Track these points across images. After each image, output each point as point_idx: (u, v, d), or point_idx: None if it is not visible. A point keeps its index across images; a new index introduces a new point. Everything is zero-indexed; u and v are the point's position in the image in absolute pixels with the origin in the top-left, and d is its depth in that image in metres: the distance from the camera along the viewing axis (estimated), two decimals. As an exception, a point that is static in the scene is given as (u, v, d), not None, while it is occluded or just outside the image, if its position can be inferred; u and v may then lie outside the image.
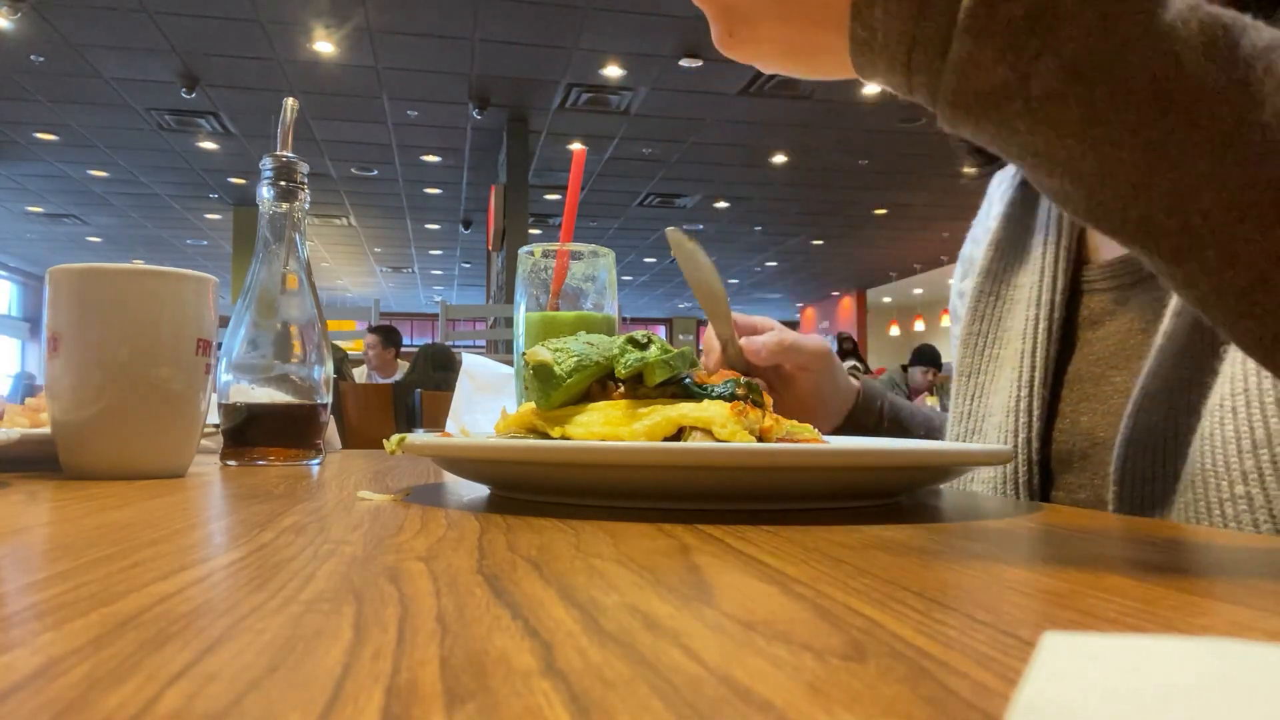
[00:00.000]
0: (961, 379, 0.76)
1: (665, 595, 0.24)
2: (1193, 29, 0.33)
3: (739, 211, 10.47)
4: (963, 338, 0.77)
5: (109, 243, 12.41)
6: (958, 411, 0.76)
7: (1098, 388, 0.64)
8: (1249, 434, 0.49)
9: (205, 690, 0.16)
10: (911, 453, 0.46)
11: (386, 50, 6.19)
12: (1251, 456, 0.49)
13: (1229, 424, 0.50)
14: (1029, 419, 0.66)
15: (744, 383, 0.54)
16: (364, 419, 3.60)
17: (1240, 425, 0.50)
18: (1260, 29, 0.34)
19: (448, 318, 5.99)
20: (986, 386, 0.73)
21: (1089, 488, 0.63)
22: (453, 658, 0.18)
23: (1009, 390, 0.69)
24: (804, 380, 0.84)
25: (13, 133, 7.85)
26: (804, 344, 0.83)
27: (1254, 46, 0.33)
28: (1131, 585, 0.29)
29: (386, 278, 15.09)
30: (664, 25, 5.67)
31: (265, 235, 0.86)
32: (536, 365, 0.53)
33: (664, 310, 17.90)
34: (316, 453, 0.85)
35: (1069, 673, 0.12)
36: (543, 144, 8.04)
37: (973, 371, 0.75)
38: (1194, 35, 0.33)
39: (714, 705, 0.15)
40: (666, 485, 0.46)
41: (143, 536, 0.35)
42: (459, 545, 0.33)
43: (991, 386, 0.73)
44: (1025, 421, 0.66)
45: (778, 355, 0.82)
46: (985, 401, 0.73)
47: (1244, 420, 0.49)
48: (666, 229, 0.78)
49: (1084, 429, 0.64)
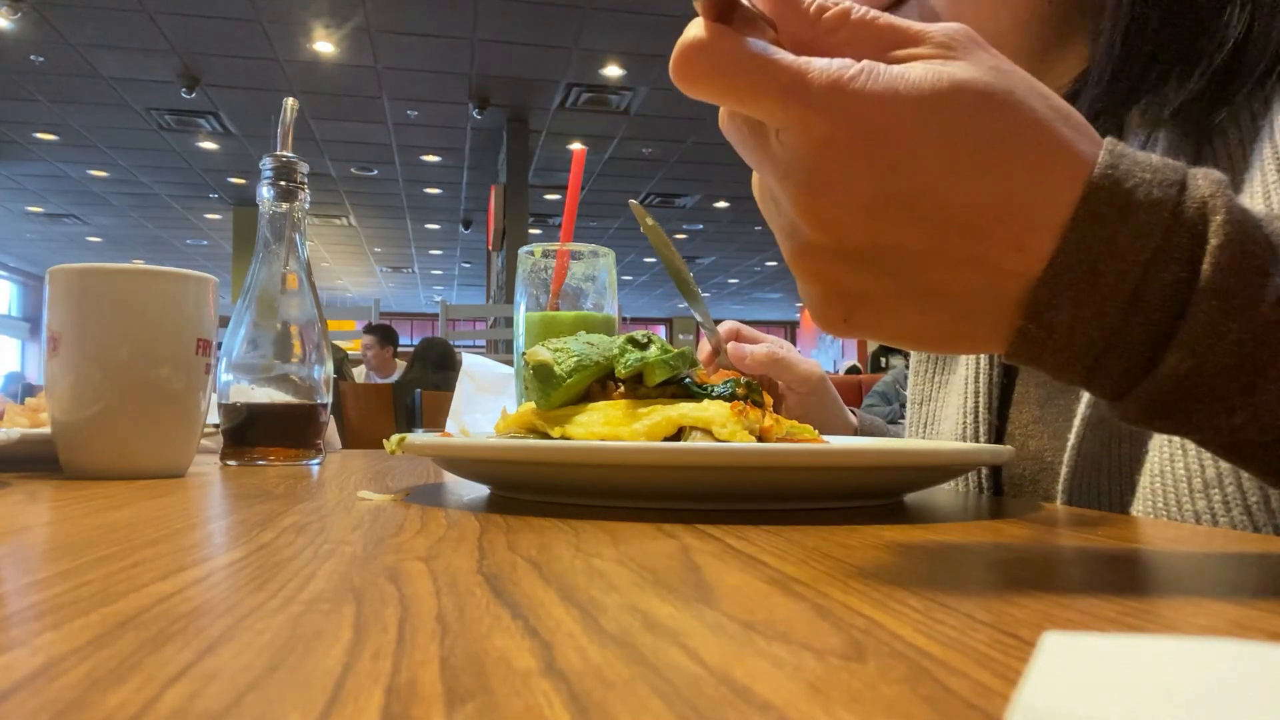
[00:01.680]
0: (914, 407, 0.76)
1: (665, 595, 0.24)
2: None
3: (739, 211, 10.46)
4: (913, 366, 0.77)
5: (109, 243, 12.41)
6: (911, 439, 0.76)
7: (1044, 410, 0.63)
8: (1199, 473, 0.48)
9: (205, 690, 0.16)
10: (911, 453, 0.46)
11: (386, 50, 6.19)
12: (1203, 497, 0.47)
13: (1179, 462, 0.49)
14: (976, 443, 0.66)
15: (744, 383, 0.54)
16: (364, 419, 3.59)
17: (1190, 464, 0.48)
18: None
19: (448, 318, 6.00)
20: (937, 413, 0.73)
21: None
22: (453, 658, 0.18)
23: (955, 417, 0.68)
24: (791, 401, 0.85)
25: (13, 133, 7.84)
26: (795, 364, 0.84)
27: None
28: (1131, 585, 0.29)
29: (386, 278, 15.09)
30: (664, 25, 5.67)
31: (265, 235, 0.86)
32: (536, 365, 0.53)
33: (664, 310, 17.90)
34: (316, 453, 0.85)
35: (1069, 673, 0.12)
36: (543, 144, 8.04)
37: (924, 399, 0.75)
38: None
39: (714, 705, 0.15)
40: (666, 485, 0.46)
41: (143, 536, 0.35)
42: (459, 545, 0.33)
43: (941, 413, 0.73)
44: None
45: (766, 367, 0.82)
46: (937, 429, 0.73)
47: (1194, 459, 0.48)
48: (629, 200, 0.78)
49: (1032, 452, 0.63)
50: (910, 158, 0.29)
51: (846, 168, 0.29)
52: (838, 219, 0.30)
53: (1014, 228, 0.29)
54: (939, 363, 0.75)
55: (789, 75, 0.29)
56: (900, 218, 0.29)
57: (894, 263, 0.30)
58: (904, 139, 0.29)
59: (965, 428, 0.67)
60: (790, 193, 0.30)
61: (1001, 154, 0.29)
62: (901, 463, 0.47)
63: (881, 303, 0.32)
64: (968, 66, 0.29)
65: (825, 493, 0.48)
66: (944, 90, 0.29)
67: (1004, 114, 0.29)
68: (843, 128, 0.29)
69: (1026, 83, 0.30)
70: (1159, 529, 0.44)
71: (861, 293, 0.32)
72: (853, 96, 0.28)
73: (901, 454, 0.46)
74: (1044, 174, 0.29)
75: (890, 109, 0.28)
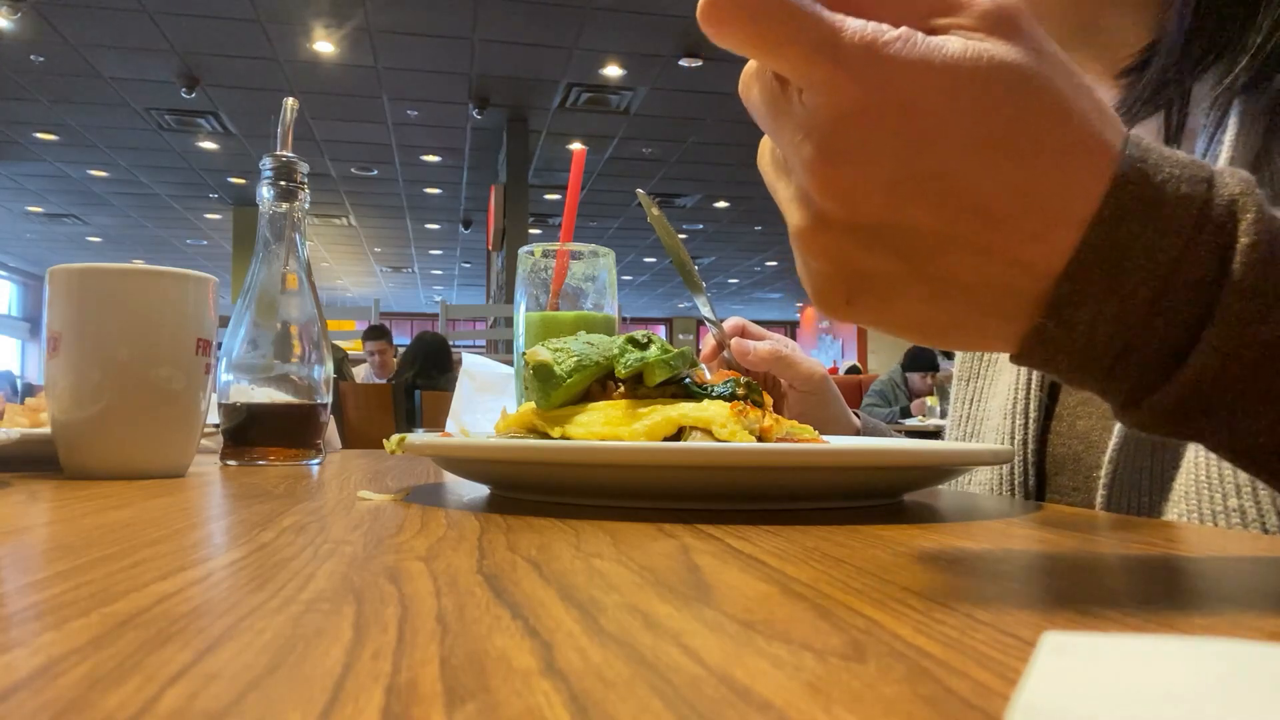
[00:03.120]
0: (961, 384, 0.77)
1: (665, 595, 0.24)
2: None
3: (739, 211, 10.47)
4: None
5: (109, 243, 12.41)
6: (956, 415, 0.76)
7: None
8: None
9: (205, 690, 0.16)
10: (911, 453, 0.46)
11: (386, 50, 6.19)
12: (1249, 488, 0.48)
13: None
14: (1025, 420, 0.66)
15: (744, 383, 0.54)
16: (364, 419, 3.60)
17: None
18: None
19: (448, 318, 6.00)
20: (985, 391, 0.74)
21: (1082, 490, 0.63)
22: (453, 658, 0.18)
23: (1007, 394, 0.69)
24: (793, 399, 0.85)
25: (13, 133, 7.84)
26: (798, 362, 0.84)
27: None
28: (1131, 585, 0.29)
29: (386, 278, 15.09)
30: (664, 25, 5.67)
31: (265, 235, 0.86)
32: (537, 365, 0.53)
33: (664, 310, 17.90)
34: (316, 453, 0.85)
35: (1069, 673, 0.12)
36: (543, 144, 8.04)
37: (972, 376, 0.76)
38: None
39: (714, 705, 0.15)
40: (666, 485, 0.46)
41: (143, 536, 0.35)
42: (459, 545, 0.33)
43: (990, 390, 0.73)
44: (1022, 424, 0.66)
45: (769, 364, 0.82)
46: (984, 405, 0.73)
47: None
48: (637, 189, 0.78)
49: (1080, 432, 0.64)
50: (937, 136, 0.27)
51: (870, 138, 0.28)
52: (854, 191, 0.28)
53: (1036, 219, 0.28)
54: None
55: (821, 31, 0.27)
56: (919, 197, 0.28)
57: (907, 244, 0.29)
58: (932, 115, 0.27)
59: (1016, 403, 0.67)
60: (806, 157, 0.29)
61: (1030, 141, 0.28)
62: (901, 463, 0.47)
63: (889, 286, 0.30)
64: (1008, 47, 0.28)
65: (825, 493, 0.48)
66: (981, 69, 0.27)
67: (1038, 99, 0.28)
68: (871, 95, 0.27)
69: (1065, 69, 0.29)
70: (1159, 529, 0.44)
71: (869, 273, 0.30)
72: (885, 62, 0.27)
73: (901, 454, 0.46)
74: (1071, 164, 0.28)
75: (922, 81, 0.27)
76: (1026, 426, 0.66)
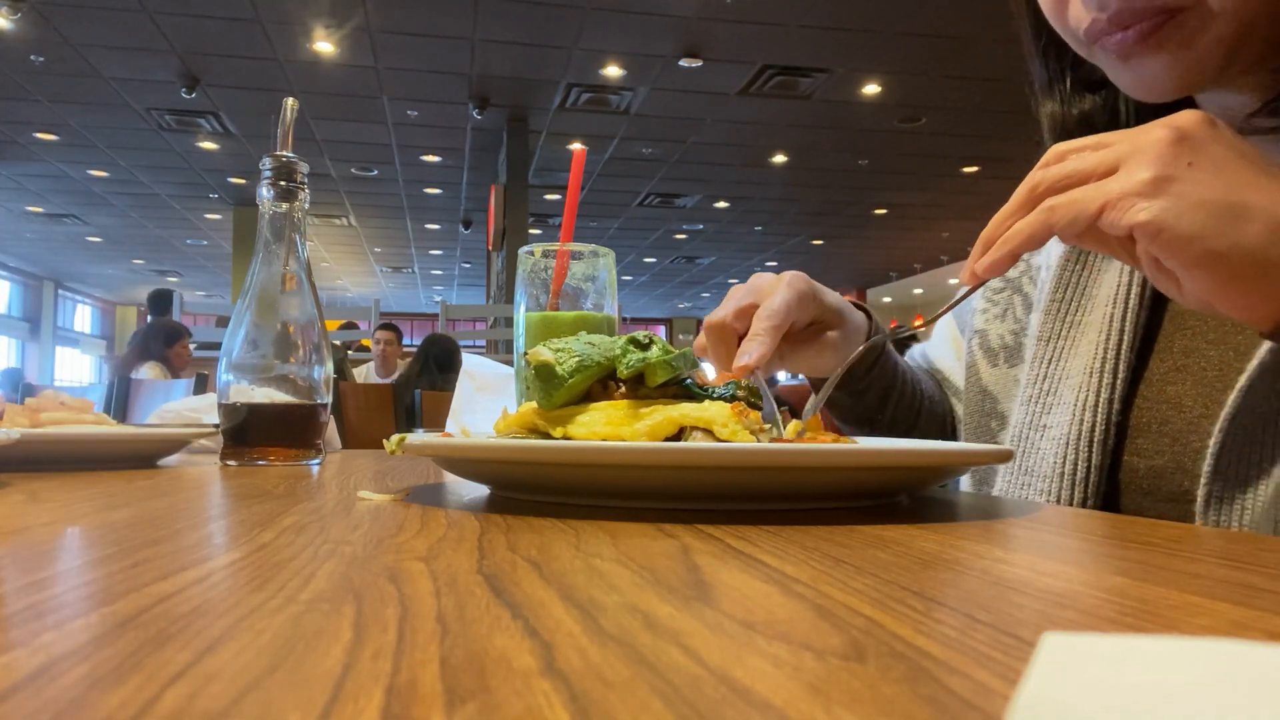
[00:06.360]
0: (1041, 344, 0.77)
1: (665, 595, 0.24)
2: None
3: (739, 211, 10.47)
4: (1045, 305, 0.78)
5: (109, 243, 12.42)
6: (1032, 375, 0.76)
7: (1189, 359, 0.65)
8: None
9: (205, 690, 0.16)
10: (911, 453, 0.46)
11: (386, 50, 6.19)
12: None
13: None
14: (1113, 379, 0.67)
15: (744, 384, 0.54)
16: (364, 419, 3.59)
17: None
18: None
19: (448, 318, 5.99)
20: (1066, 351, 0.74)
21: (1168, 454, 0.63)
22: (453, 658, 0.18)
23: (1091, 352, 0.70)
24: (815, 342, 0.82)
25: (13, 133, 7.84)
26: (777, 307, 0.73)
27: None
28: (1131, 585, 0.29)
29: (386, 278, 15.09)
30: (664, 25, 5.67)
31: (265, 235, 0.86)
32: (538, 365, 0.53)
33: (664, 310, 17.90)
34: (316, 453, 0.85)
35: (1069, 673, 0.12)
36: (543, 144, 8.04)
37: (1052, 336, 0.76)
38: None
39: (714, 705, 0.15)
40: (667, 485, 0.46)
41: (143, 536, 0.35)
42: (459, 545, 0.33)
43: (1071, 351, 0.74)
44: (1109, 382, 0.67)
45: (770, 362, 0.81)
46: (1063, 365, 0.74)
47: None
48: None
49: (1170, 398, 0.64)
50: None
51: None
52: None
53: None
54: (1073, 303, 0.75)
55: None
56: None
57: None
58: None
59: (1105, 362, 0.68)
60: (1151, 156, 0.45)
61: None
62: (901, 463, 0.47)
63: (1227, 173, 0.44)
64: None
65: (825, 493, 0.48)
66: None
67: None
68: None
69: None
70: (1159, 529, 0.44)
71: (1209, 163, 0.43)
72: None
73: (901, 454, 0.46)
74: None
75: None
76: (1114, 386, 0.67)
